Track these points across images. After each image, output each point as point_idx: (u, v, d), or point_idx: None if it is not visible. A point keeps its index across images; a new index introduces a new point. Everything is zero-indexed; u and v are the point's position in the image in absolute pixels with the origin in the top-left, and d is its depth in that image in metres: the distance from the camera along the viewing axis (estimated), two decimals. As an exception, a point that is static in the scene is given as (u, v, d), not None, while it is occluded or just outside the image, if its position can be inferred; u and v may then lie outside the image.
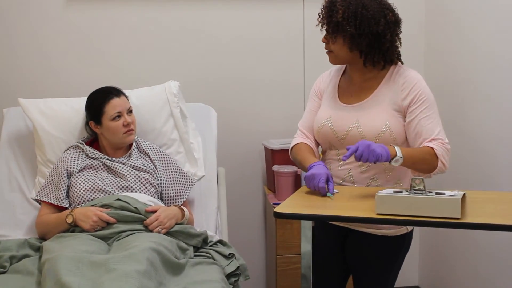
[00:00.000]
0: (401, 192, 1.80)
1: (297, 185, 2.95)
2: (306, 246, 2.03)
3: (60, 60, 3.09)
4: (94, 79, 2.96)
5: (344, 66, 2.27)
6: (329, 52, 2.16)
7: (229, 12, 3.18)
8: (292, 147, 2.34)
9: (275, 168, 2.99)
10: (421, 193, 1.76)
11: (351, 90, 2.21)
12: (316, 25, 2.16)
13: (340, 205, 1.93)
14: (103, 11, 3.09)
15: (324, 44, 2.16)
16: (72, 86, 3.06)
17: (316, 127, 2.25)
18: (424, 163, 2.06)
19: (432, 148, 2.05)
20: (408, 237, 2.21)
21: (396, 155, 1.97)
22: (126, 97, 2.55)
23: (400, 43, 2.15)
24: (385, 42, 2.08)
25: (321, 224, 2.32)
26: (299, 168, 2.35)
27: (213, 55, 3.20)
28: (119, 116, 2.47)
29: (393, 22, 2.09)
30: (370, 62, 2.12)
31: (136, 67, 3.15)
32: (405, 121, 2.11)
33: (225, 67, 3.22)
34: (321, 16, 2.14)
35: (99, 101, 2.49)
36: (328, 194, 2.00)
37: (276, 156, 3.04)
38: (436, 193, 1.76)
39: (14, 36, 3.04)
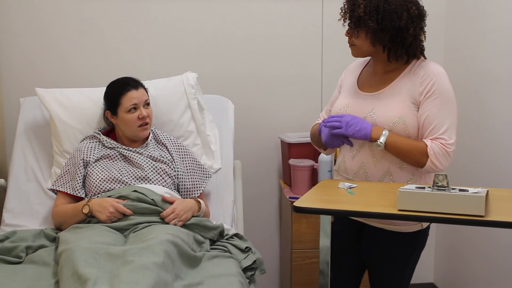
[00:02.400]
0: (423, 188, 1.77)
1: (313, 179, 2.93)
2: (325, 241, 2.01)
3: (78, 50, 3.08)
4: (111, 70, 2.96)
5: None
6: (352, 46, 2.13)
7: (248, 6, 3.16)
8: (312, 128, 2.36)
9: (292, 161, 2.97)
10: (444, 190, 1.73)
11: (371, 80, 2.19)
12: (339, 20, 2.13)
13: (360, 200, 1.90)
14: (121, 1, 3.08)
15: (347, 38, 2.13)
16: (90, 76, 3.06)
17: (333, 114, 2.23)
18: (410, 158, 2.05)
19: (426, 145, 2.02)
20: (423, 234, 2.18)
21: (379, 139, 2.04)
22: (145, 89, 2.53)
23: (425, 37, 2.11)
24: (408, 37, 2.05)
25: (337, 218, 2.30)
26: (318, 147, 2.36)
27: (231, 48, 3.18)
28: (135, 109, 2.45)
29: (416, 16, 2.05)
30: (394, 57, 2.09)
31: (154, 58, 3.13)
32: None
33: (243, 59, 3.20)
34: (343, 11, 2.11)
35: (116, 92, 2.48)
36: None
37: (292, 149, 3.02)
38: (460, 190, 1.73)
39: (31, 26, 3.03)
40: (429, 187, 1.77)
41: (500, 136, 2.73)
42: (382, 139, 2.03)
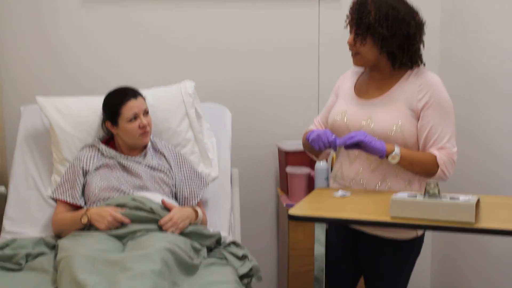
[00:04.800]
0: (415, 196, 1.80)
1: (310, 186, 2.95)
2: (320, 248, 2.03)
3: (78, 59, 3.12)
4: (111, 78, 2.98)
5: None
6: (355, 54, 2.15)
7: (244, 13, 3.19)
8: (304, 134, 2.36)
9: (289, 169, 2.99)
10: (435, 197, 1.77)
11: (368, 86, 2.22)
12: (344, 27, 2.16)
13: (354, 208, 1.93)
14: (119, 10, 3.11)
15: (348, 46, 2.15)
16: (89, 85, 3.08)
17: (330, 121, 2.26)
18: (422, 168, 2.09)
19: (434, 155, 2.07)
20: (418, 242, 2.21)
21: (393, 151, 2.03)
22: (143, 97, 2.56)
23: (423, 45, 2.15)
24: (415, 44, 2.10)
25: (333, 226, 2.32)
26: (309, 153, 2.38)
27: (228, 56, 3.21)
28: (135, 118, 2.48)
29: (420, 24, 2.11)
30: (399, 64, 2.12)
31: (152, 67, 3.16)
32: (417, 123, 2.11)
33: (240, 68, 3.22)
34: (349, 18, 2.13)
35: (115, 102, 2.50)
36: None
37: (289, 157, 3.04)
38: (451, 198, 1.76)
39: (31, 35, 3.07)
40: (421, 194, 1.80)
41: (494, 143, 2.75)
42: (397, 150, 2.04)
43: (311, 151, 2.37)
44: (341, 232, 2.29)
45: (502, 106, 2.68)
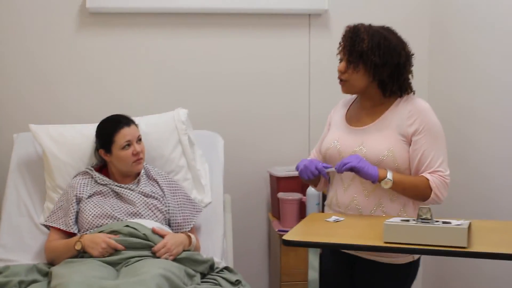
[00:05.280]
0: (408, 220, 1.83)
1: (301, 212, 2.97)
2: (313, 274, 2.04)
3: (71, 87, 3.14)
4: (104, 106, 2.99)
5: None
6: (344, 82, 2.19)
7: (236, 43, 3.24)
8: None
9: (280, 195, 3.01)
10: (428, 222, 1.79)
11: (359, 114, 2.26)
12: (337, 54, 2.20)
13: (348, 232, 1.95)
14: (112, 39, 3.15)
15: (338, 73, 2.19)
16: (83, 113, 3.09)
17: (323, 149, 2.29)
18: (415, 192, 2.12)
19: (427, 179, 2.10)
20: (414, 266, 2.23)
21: (386, 177, 2.05)
22: (136, 125, 2.58)
23: (412, 75, 2.20)
24: (404, 73, 2.16)
25: (329, 251, 2.34)
26: (309, 183, 2.41)
27: (221, 85, 3.24)
28: (128, 145, 2.50)
29: (409, 55, 2.16)
30: (389, 92, 2.17)
31: (145, 95, 3.19)
32: (409, 148, 2.14)
33: (232, 96, 3.26)
34: (342, 45, 2.18)
35: (109, 130, 2.52)
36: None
37: (281, 183, 3.07)
38: (443, 222, 1.79)
39: (24, 63, 3.09)
40: (414, 219, 1.83)
41: (483, 168, 2.79)
42: (389, 176, 2.07)
43: (309, 182, 2.38)
44: (337, 258, 2.29)
45: (489, 133, 2.73)
